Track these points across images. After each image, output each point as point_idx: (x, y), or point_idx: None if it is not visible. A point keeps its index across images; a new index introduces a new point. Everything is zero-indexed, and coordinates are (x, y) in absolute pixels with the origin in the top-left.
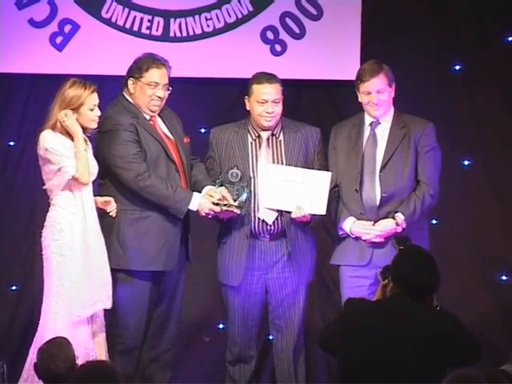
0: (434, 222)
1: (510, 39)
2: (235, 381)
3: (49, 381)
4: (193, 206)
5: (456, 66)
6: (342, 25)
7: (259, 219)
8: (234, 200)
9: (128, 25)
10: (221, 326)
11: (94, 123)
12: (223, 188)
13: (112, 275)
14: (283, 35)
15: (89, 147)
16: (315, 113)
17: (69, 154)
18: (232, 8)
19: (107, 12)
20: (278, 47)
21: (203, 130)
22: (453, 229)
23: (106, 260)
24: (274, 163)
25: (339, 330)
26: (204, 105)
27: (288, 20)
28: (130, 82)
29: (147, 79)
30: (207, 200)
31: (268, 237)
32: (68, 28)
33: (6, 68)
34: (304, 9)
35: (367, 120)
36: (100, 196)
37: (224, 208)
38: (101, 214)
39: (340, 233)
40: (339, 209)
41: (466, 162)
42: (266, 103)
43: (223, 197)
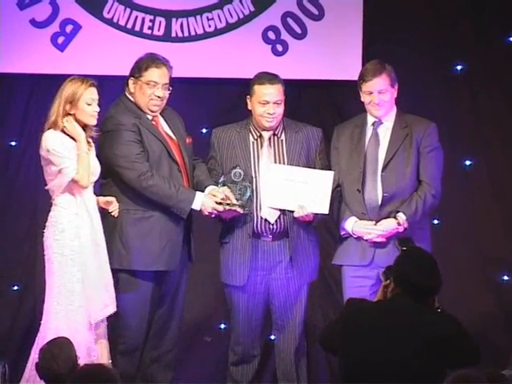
0: (436, 222)
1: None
2: (237, 381)
3: (50, 381)
4: (196, 206)
5: (457, 66)
6: (344, 25)
7: (261, 218)
8: (237, 199)
9: (130, 25)
10: (222, 326)
11: (93, 119)
12: (226, 187)
13: (114, 275)
14: (285, 35)
15: (92, 149)
16: (316, 113)
17: (70, 156)
18: (233, 8)
19: (109, 12)
20: (280, 47)
21: (205, 130)
22: (454, 229)
23: (107, 260)
24: (276, 163)
25: (340, 330)
26: (205, 105)
27: (289, 20)
28: (131, 82)
29: (146, 78)
30: (210, 199)
31: (271, 236)
32: (70, 28)
33: (8, 68)
34: (305, 9)
35: (369, 120)
36: (102, 196)
37: (227, 207)
38: (103, 214)
39: (342, 233)
40: (341, 209)
41: (468, 162)
42: (268, 104)
43: (226, 196)
